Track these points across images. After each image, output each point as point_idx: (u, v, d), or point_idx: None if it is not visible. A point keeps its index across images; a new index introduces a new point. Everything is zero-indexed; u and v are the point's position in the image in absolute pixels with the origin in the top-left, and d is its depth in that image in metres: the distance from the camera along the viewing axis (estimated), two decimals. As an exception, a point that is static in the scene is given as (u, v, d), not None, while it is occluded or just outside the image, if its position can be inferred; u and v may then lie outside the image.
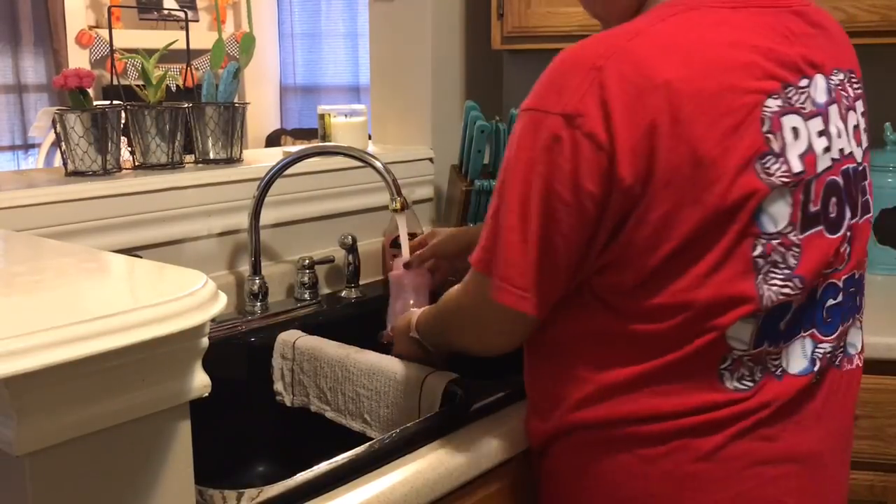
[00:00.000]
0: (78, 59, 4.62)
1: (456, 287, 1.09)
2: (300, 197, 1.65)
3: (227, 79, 1.57)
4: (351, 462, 0.98)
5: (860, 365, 1.07)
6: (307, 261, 1.60)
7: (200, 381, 0.75)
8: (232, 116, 1.57)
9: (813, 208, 0.94)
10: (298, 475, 0.94)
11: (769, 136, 0.90)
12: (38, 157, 4.50)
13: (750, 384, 0.94)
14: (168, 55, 1.53)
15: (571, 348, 1.01)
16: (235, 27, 5.15)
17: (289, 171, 1.50)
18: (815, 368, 0.98)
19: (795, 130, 0.92)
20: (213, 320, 0.73)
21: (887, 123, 1.83)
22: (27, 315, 0.67)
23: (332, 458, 0.98)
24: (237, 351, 1.45)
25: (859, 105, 1.04)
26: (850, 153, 0.99)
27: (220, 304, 0.73)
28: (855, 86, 1.04)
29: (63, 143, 1.42)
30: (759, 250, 0.91)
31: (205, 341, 0.75)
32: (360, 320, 1.59)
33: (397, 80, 1.98)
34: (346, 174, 1.71)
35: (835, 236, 0.96)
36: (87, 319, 0.64)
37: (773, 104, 0.91)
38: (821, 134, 0.95)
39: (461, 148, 1.86)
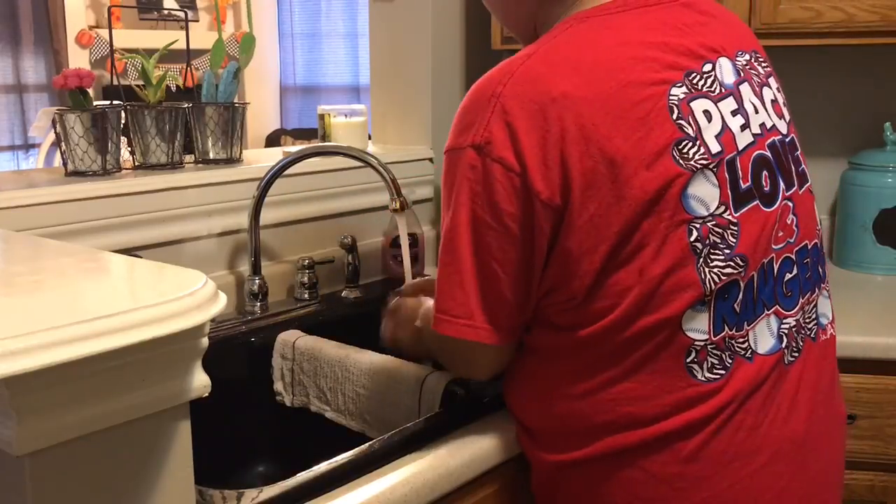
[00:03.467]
0: (78, 59, 4.61)
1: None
2: (300, 197, 1.65)
3: (227, 79, 1.57)
4: (351, 462, 0.98)
5: (833, 334, 1.09)
6: (307, 261, 1.60)
7: (200, 381, 0.75)
8: (232, 116, 1.57)
9: (744, 185, 0.96)
10: (298, 475, 0.94)
11: (681, 122, 0.92)
12: (38, 157, 4.50)
13: (722, 372, 0.95)
14: (168, 55, 1.52)
15: (546, 374, 1.02)
16: (235, 27, 5.15)
17: (289, 171, 1.50)
18: (783, 345, 0.98)
19: (707, 113, 0.95)
20: (213, 320, 0.73)
21: (887, 123, 1.83)
22: (27, 315, 0.66)
23: (332, 458, 0.98)
24: (237, 351, 1.45)
25: (772, 81, 1.07)
26: (773, 126, 1.02)
27: (220, 304, 0.73)
28: (763, 64, 1.07)
29: (63, 143, 1.42)
30: (694, 235, 0.92)
31: (205, 341, 0.75)
32: (360, 320, 1.59)
33: (397, 80, 1.98)
34: (346, 174, 1.71)
35: (771, 209, 0.98)
36: (87, 319, 0.64)
37: (678, 92, 0.94)
38: (735, 113, 0.97)
39: (461, 148, 1.86)
